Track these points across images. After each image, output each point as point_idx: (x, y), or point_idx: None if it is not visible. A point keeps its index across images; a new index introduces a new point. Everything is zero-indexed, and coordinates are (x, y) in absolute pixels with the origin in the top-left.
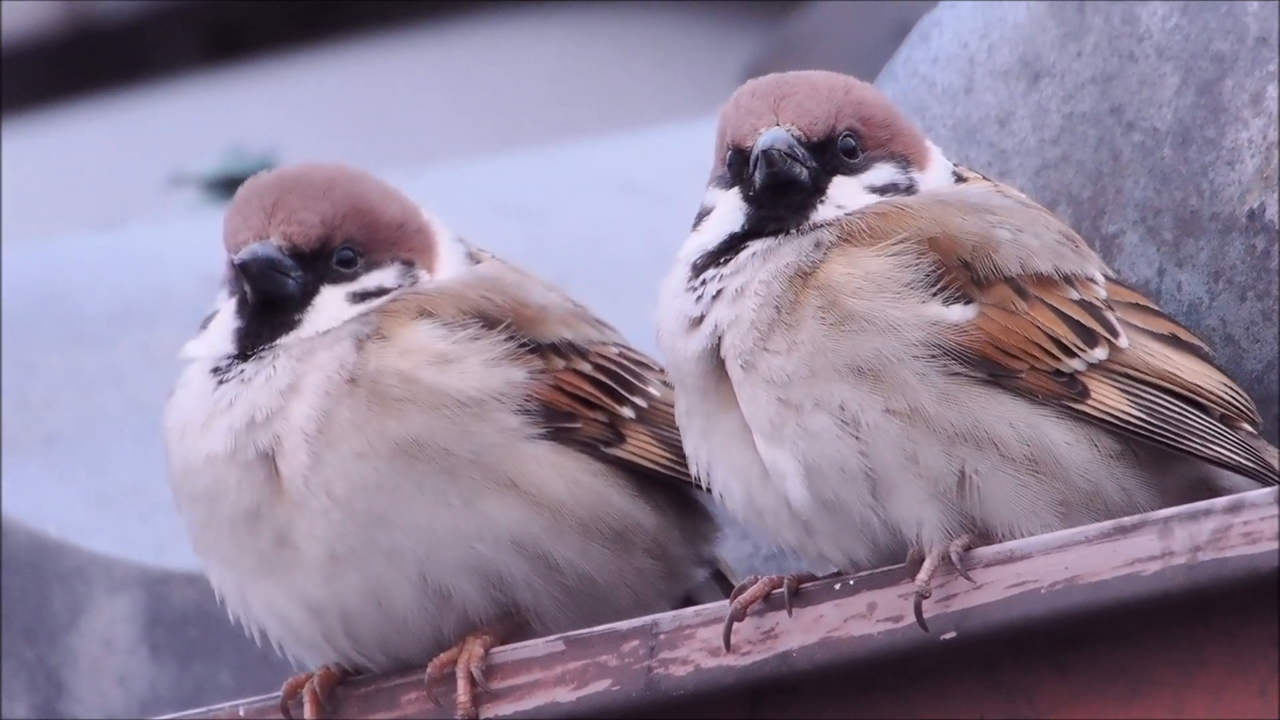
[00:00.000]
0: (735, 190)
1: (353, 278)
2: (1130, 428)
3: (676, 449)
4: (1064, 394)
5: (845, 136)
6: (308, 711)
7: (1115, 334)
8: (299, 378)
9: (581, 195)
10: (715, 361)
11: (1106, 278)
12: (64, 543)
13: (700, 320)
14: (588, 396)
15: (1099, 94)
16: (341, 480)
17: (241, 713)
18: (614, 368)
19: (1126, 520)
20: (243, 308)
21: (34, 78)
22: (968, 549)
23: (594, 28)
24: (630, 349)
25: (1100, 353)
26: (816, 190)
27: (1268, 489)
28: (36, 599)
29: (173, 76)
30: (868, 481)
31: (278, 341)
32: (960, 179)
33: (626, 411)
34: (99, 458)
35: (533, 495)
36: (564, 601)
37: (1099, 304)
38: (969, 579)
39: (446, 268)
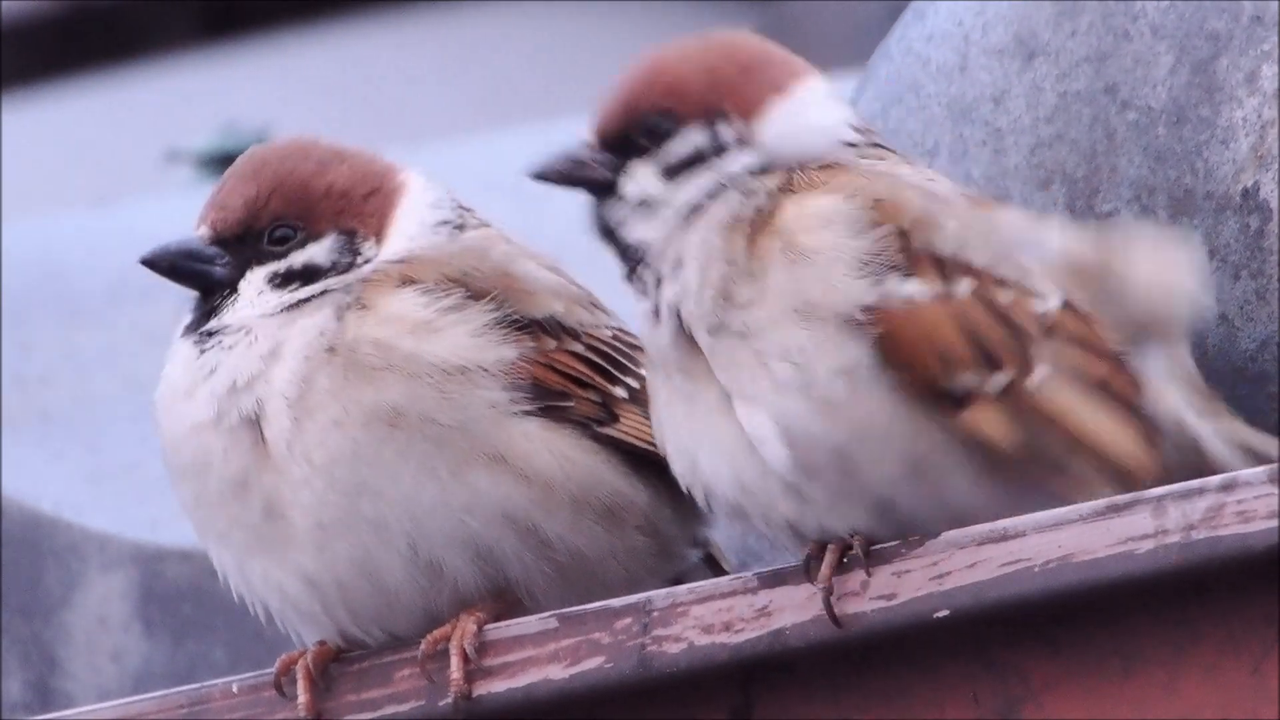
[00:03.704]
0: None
1: (284, 255)
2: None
3: None
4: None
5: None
6: (301, 688)
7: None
8: (280, 343)
9: None
10: (686, 340)
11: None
12: (59, 519)
13: (656, 310)
14: (580, 375)
15: (1093, 72)
16: (319, 449)
17: (235, 689)
18: (607, 349)
19: (1120, 498)
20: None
21: (29, 55)
22: (871, 543)
23: (588, 6)
24: (625, 332)
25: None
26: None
27: (1261, 467)
28: (31, 575)
29: (168, 54)
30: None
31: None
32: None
33: (619, 391)
34: (95, 435)
35: (522, 470)
36: (554, 577)
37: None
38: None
39: (403, 235)
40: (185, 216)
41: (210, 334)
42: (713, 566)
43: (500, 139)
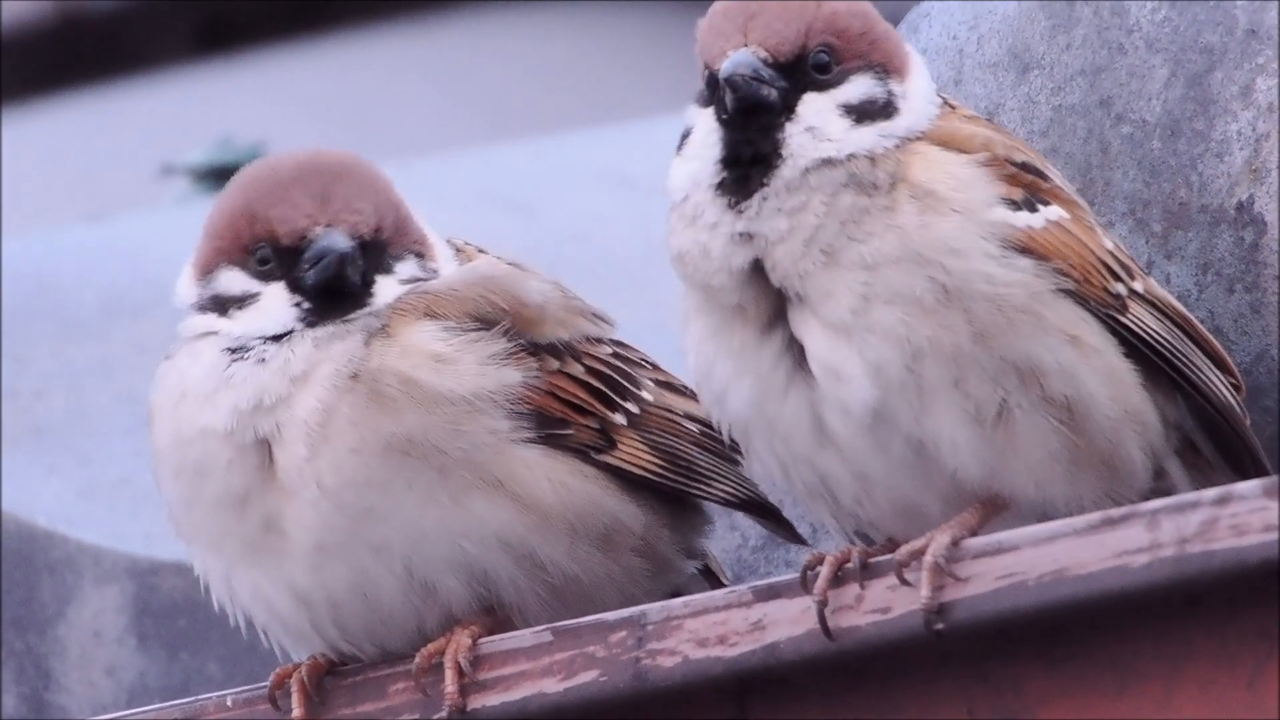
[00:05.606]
0: (710, 110)
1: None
2: (1157, 346)
3: (668, 455)
4: (1113, 305)
5: (818, 52)
6: (295, 702)
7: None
8: (313, 366)
9: (572, 187)
10: (758, 279)
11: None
12: (53, 533)
13: (749, 237)
14: (580, 402)
15: (1088, 86)
16: (332, 474)
17: (229, 703)
18: (607, 370)
19: (1114, 512)
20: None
21: (24, 70)
22: (956, 544)
23: (585, 19)
24: (624, 347)
25: (1137, 285)
26: (786, 109)
27: (1255, 480)
28: (25, 589)
29: (163, 68)
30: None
31: None
32: (949, 106)
33: (618, 418)
34: (89, 449)
35: (520, 496)
36: (548, 599)
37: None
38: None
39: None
40: (179, 231)
41: (248, 344)
42: (710, 578)
43: (496, 153)
